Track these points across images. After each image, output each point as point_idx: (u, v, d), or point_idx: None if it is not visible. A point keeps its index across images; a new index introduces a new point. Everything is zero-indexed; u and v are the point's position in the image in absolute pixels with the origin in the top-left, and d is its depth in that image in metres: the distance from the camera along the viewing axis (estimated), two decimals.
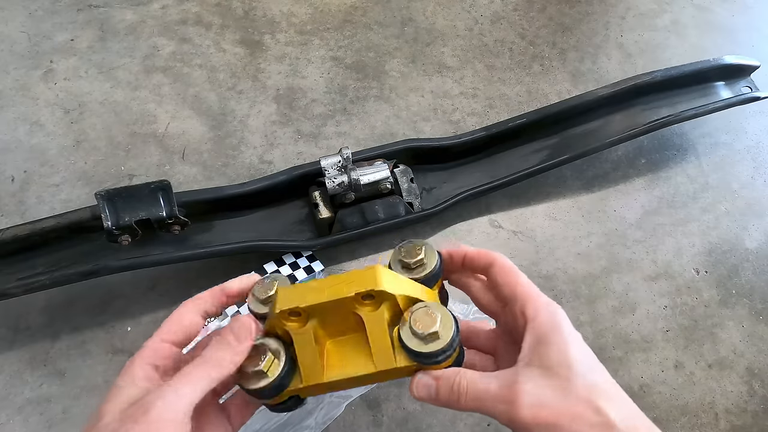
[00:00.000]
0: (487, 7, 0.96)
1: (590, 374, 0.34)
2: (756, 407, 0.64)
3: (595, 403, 0.33)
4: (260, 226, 0.67)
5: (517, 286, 0.38)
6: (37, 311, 0.63)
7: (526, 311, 0.37)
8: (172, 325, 0.38)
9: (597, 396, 0.33)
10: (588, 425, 0.32)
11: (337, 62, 0.87)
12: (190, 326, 0.39)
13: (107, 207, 0.56)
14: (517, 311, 0.38)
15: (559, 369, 0.34)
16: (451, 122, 0.82)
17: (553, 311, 0.37)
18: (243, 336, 0.36)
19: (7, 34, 0.84)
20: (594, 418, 0.32)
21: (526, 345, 0.36)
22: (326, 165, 0.64)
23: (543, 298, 0.38)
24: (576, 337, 0.36)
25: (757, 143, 0.85)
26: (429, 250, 0.41)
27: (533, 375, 0.34)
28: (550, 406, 0.33)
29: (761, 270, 0.73)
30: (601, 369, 0.35)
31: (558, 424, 0.32)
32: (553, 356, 0.34)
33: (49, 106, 0.78)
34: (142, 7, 0.89)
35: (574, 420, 0.32)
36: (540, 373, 0.34)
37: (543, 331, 0.36)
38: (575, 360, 0.34)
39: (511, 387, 0.34)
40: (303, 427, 0.55)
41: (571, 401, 0.33)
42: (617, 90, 0.74)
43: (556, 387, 0.33)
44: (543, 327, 0.36)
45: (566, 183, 0.78)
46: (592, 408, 0.33)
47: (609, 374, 0.35)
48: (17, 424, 0.56)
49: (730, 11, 1.01)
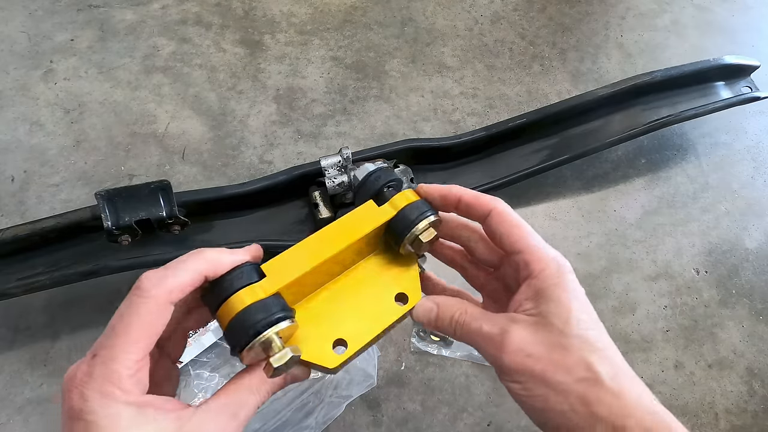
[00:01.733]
0: (487, 7, 0.96)
1: (587, 331, 0.33)
2: (756, 407, 0.64)
3: (587, 359, 0.32)
4: (260, 226, 0.67)
5: (521, 236, 0.36)
6: (37, 311, 0.63)
7: (532, 264, 0.35)
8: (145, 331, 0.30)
9: (590, 352, 0.32)
10: (574, 379, 0.31)
11: (337, 62, 0.87)
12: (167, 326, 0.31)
13: (107, 207, 0.56)
14: (521, 263, 0.36)
15: (556, 321, 0.33)
16: (451, 122, 0.82)
17: (560, 265, 0.35)
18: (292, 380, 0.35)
19: (7, 34, 0.84)
20: (582, 373, 0.32)
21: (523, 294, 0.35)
22: (326, 165, 0.64)
23: (550, 252, 0.36)
24: (580, 293, 0.35)
25: (757, 143, 0.85)
26: None
27: (528, 323, 0.34)
28: (538, 356, 0.32)
29: (761, 270, 0.73)
30: (600, 328, 0.34)
31: (543, 374, 0.32)
32: (552, 309, 0.33)
33: (49, 106, 0.78)
34: (142, 7, 0.89)
35: (560, 371, 0.32)
36: (535, 322, 0.33)
37: (547, 284, 0.34)
38: (574, 316, 0.33)
39: (503, 332, 0.34)
40: (303, 427, 0.55)
41: (562, 353, 0.32)
42: (617, 90, 0.74)
43: (548, 338, 0.33)
44: (548, 281, 0.34)
45: (566, 183, 0.78)
46: (582, 363, 0.32)
47: (608, 336, 0.34)
48: (17, 424, 0.56)
49: (730, 11, 1.01)
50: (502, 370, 0.33)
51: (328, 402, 0.57)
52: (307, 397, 0.57)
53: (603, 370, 0.31)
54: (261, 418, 0.55)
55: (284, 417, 0.55)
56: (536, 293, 0.34)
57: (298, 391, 0.57)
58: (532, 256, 0.35)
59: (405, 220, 0.37)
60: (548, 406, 0.32)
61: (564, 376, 0.32)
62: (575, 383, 0.31)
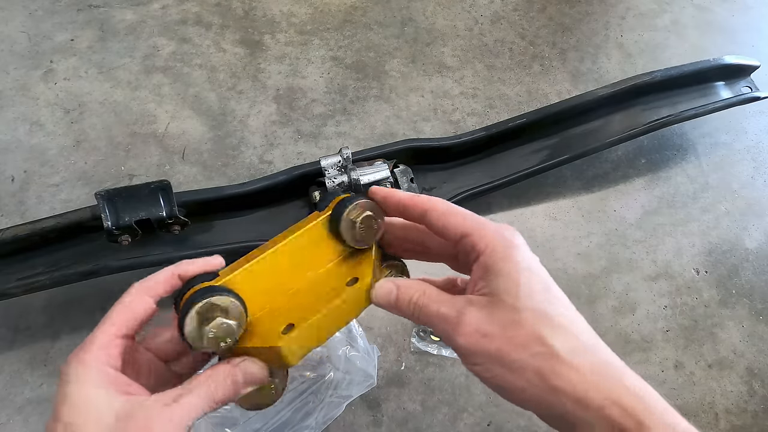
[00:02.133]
0: (487, 7, 0.96)
1: (540, 303, 0.32)
2: (756, 407, 0.64)
3: (539, 333, 0.31)
4: (260, 226, 0.67)
5: (463, 221, 0.36)
6: (37, 311, 0.63)
7: (477, 244, 0.34)
8: (124, 315, 0.35)
9: (543, 325, 0.31)
10: (530, 354, 0.31)
11: (337, 62, 0.87)
12: (144, 314, 0.35)
13: (107, 207, 0.56)
14: (468, 246, 0.35)
15: (506, 297, 0.32)
16: (451, 122, 0.82)
17: (505, 238, 0.34)
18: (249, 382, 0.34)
19: (7, 34, 0.84)
20: (536, 348, 0.31)
21: (475, 275, 0.35)
22: (326, 165, 0.64)
23: (491, 226, 0.35)
24: (529, 263, 0.34)
25: (757, 143, 0.85)
26: None
27: (482, 303, 0.33)
28: (492, 335, 0.32)
29: (761, 270, 0.73)
30: (555, 298, 0.33)
31: (499, 352, 0.31)
32: (502, 285, 0.33)
33: (49, 106, 0.78)
34: (142, 7, 0.89)
35: (515, 349, 0.31)
36: (488, 301, 0.33)
37: (493, 260, 0.33)
38: (524, 289, 0.32)
39: (459, 313, 0.33)
40: (303, 427, 0.55)
41: (514, 330, 0.31)
42: (617, 90, 0.74)
43: (501, 316, 0.32)
44: (493, 256, 0.34)
45: (566, 183, 0.78)
46: (535, 337, 0.31)
47: (569, 304, 0.33)
48: (17, 424, 0.56)
49: (730, 11, 1.01)
50: (460, 352, 0.33)
51: (328, 402, 0.57)
52: (307, 397, 0.57)
53: (558, 344, 0.30)
54: (261, 418, 0.55)
55: (284, 417, 0.55)
56: (485, 271, 0.34)
57: (298, 391, 0.57)
58: (475, 235, 0.35)
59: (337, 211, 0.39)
60: (507, 384, 0.31)
61: (519, 352, 0.31)
62: (530, 358, 0.31)
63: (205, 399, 0.32)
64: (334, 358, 0.59)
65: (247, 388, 0.34)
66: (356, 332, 0.61)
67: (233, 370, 0.34)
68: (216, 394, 0.33)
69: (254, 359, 0.35)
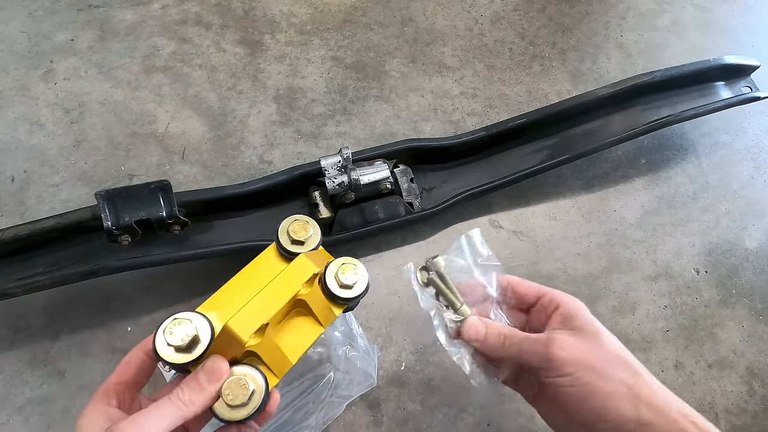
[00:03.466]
0: (487, 7, 0.96)
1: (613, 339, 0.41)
2: (756, 407, 0.64)
3: (623, 356, 0.39)
4: (260, 226, 0.67)
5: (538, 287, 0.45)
6: (37, 311, 0.63)
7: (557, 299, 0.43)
8: (120, 367, 0.41)
9: (623, 352, 0.40)
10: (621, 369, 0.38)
11: (337, 62, 0.87)
12: (136, 363, 0.41)
13: (107, 207, 0.56)
14: (546, 302, 0.44)
15: (588, 329, 0.41)
16: (451, 122, 0.82)
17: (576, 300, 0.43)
18: (214, 377, 0.38)
19: (7, 34, 0.84)
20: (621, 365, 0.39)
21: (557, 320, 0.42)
22: (326, 165, 0.64)
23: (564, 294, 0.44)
24: None
25: (757, 143, 0.85)
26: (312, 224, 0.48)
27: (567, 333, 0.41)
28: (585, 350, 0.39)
29: (761, 270, 0.73)
30: None
31: (595, 365, 0.38)
32: (581, 324, 0.41)
33: (49, 106, 0.78)
34: (142, 7, 0.89)
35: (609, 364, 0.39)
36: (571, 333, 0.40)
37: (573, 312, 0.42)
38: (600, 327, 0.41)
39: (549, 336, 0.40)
40: (303, 427, 0.55)
41: (603, 350, 0.39)
42: (617, 90, 0.74)
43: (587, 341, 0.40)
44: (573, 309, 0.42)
45: (566, 183, 0.78)
46: (621, 359, 0.39)
47: None
48: (17, 424, 0.56)
49: (730, 11, 1.01)
50: (552, 364, 0.39)
51: (328, 402, 0.57)
52: (307, 397, 0.57)
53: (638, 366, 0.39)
54: None
55: (284, 417, 0.55)
56: (566, 318, 0.42)
57: (298, 391, 0.57)
58: (555, 294, 0.44)
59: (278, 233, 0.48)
60: (596, 389, 0.38)
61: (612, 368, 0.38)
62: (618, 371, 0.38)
63: (174, 405, 0.36)
64: (334, 358, 0.59)
65: (213, 384, 0.37)
66: (356, 332, 0.61)
67: (197, 371, 0.38)
68: (183, 397, 0.36)
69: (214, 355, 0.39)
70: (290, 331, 0.44)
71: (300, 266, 0.45)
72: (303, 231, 0.47)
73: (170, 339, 0.37)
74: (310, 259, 0.46)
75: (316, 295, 0.45)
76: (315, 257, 0.47)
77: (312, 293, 0.45)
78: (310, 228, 0.48)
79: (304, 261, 0.45)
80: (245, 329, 0.39)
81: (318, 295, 0.45)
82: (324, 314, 0.45)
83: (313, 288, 0.45)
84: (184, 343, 0.37)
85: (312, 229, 0.48)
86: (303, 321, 0.45)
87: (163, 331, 0.38)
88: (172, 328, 0.38)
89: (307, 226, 0.48)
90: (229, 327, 0.39)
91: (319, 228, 0.49)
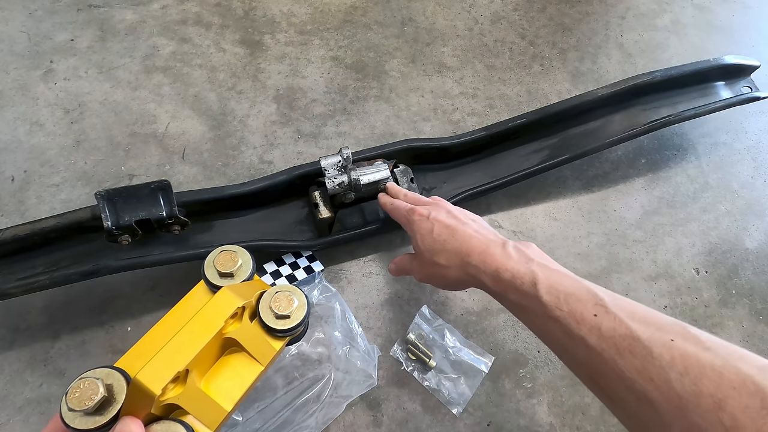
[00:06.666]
0: (487, 7, 0.96)
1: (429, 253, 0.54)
2: None
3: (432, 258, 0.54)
4: (260, 226, 0.67)
5: None
6: (37, 311, 0.63)
7: None
8: None
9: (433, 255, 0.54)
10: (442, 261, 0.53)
11: (337, 62, 0.87)
12: None
13: (107, 207, 0.56)
14: None
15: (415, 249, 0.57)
16: (451, 122, 0.82)
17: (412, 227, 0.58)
18: None
19: (7, 34, 0.84)
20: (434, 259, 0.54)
21: None
22: (326, 165, 0.64)
23: None
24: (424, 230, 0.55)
25: (757, 143, 0.85)
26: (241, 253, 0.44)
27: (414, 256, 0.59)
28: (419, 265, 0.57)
29: (761, 270, 0.73)
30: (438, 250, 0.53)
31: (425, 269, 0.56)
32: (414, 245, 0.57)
33: (49, 106, 0.78)
34: (142, 7, 0.89)
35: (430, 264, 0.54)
36: None
37: None
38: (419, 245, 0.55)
39: None
40: (303, 427, 0.55)
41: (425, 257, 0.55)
42: (617, 90, 0.74)
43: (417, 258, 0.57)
44: None
45: (566, 183, 0.78)
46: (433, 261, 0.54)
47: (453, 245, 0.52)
48: (17, 424, 0.56)
49: (730, 11, 1.01)
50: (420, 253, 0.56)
51: (328, 402, 0.57)
52: (307, 397, 0.57)
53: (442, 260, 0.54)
54: (261, 418, 0.55)
55: (284, 417, 0.55)
56: None
57: (298, 391, 0.57)
58: None
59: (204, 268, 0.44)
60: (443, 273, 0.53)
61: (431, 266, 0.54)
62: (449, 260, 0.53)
63: None
64: (334, 358, 0.59)
65: None
66: (356, 332, 0.61)
67: None
68: None
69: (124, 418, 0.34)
70: (224, 374, 0.40)
71: (221, 301, 0.40)
72: (231, 262, 0.43)
73: (72, 403, 0.33)
74: (237, 291, 0.41)
75: (246, 330, 0.41)
76: (244, 289, 0.43)
77: (242, 329, 0.41)
78: (238, 258, 0.44)
79: (225, 294, 0.40)
80: (157, 381, 0.34)
81: (250, 330, 0.41)
82: (261, 351, 0.41)
83: (242, 323, 0.41)
84: (92, 405, 0.33)
85: (241, 258, 0.44)
86: (239, 360, 0.41)
87: (66, 394, 0.33)
88: (76, 391, 0.33)
89: (236, 256, 0.44)
90: (138, 380, 0.34)
91: (250, 256, 0.45)
